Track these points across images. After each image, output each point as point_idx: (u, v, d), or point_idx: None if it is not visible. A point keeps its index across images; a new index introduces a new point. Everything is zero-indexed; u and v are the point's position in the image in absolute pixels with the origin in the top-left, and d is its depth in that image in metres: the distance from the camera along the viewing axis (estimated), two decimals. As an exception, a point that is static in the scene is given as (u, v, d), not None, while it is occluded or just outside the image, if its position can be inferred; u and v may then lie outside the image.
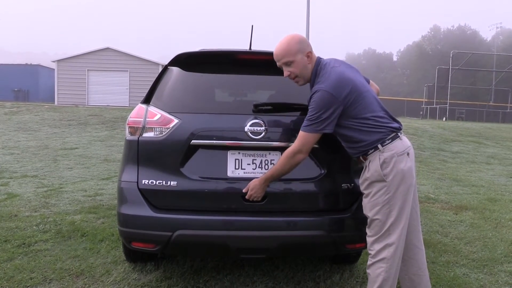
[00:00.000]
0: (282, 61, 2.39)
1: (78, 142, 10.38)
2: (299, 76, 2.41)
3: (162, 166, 2.57)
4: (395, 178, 2.29)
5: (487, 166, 9.41)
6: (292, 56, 2.35)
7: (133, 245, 2.59)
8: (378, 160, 2.31)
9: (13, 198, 5.09)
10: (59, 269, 3.10)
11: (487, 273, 3.33)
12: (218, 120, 2.66)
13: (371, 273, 2.37)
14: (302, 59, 2.36)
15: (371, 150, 2.34)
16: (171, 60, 2.90)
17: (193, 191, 2.54)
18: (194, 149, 2.58)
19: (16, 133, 11.54)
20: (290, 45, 2.35)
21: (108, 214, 4.49)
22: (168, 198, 2.54)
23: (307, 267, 3.28)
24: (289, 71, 2.40)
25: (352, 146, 2.42)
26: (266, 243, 2.51)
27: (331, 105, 2.27)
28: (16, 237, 3.73)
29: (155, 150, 2.60)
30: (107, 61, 26.88)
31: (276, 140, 2.60)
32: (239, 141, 2.57)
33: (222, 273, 3.10)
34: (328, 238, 2.53)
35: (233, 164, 2.59)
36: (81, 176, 6.69)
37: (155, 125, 2.62)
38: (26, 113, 15.28)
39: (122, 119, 14.29)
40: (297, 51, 2.35)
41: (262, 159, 2.63)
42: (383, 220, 2.32)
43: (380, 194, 2.31)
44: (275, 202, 2.56)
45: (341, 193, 2.64)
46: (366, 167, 2.39)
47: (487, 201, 5.86)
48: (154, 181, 2.54)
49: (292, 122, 2.67)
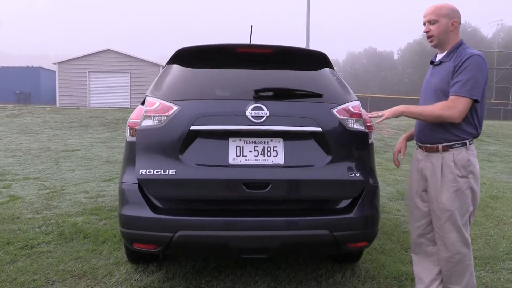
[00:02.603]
0: (427, 18, 2.50)
1: (80, 144, 10.40)
2: (435, 36, 2.50)
3: (160, 155, 2.53)
4: (476, 179, 2.48)
5: (488, 164, 9.39)
6: (438, 17, 2.47)
7: (135, 246, 2.60)
8: (466, 155, 2.44)
9: (15, 200, 5.10)
10: (62, 271, 3.11)
11: (489, 271, 3.33)
12: (218, 105, 2.63)
13: (459, 259, 2.48)
14: (446, 23, 2.47)
15: (458, 144, 2.44)
16: (172, 56, 2.94)
17: (192, 179, 2.49)
18: (194, 136, 2.54)
19: (18, 136, 11.56)
20: (441, 8, 2.48)
21: (110, 216, 4.50)
22: (167, 188, 2.50)
23: (309, 267, 3.28)
24: (429, 28, 2.51)
25: (447, 129, 2.45)
26: (268, 243, 2.51)
27: (485, 72, 2.37)
28: (18, 239, 3.74)
29: (154, 138, 2.56)
30: (108, 62, 26.88)
31: (278, 125, 2.55)
32: (239, 125, 2.53)
33: (224, 273, 3.11)
34: (330, 237, 2.52)
35: (234, 151, 2.56)
36: (83, 177, 6.71)
37: (154, 113, 2.59)
38: (27, 116, 15.30)
39: (123, 121, 14.30)
40: (445, 15, 2.47)
41: (264, 146, 2.58)
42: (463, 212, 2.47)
43: (462, 190, 2.44)
44: (278, 189, 2.51)
45: (346, 182, 2.59)
46: (444, 161, 2.46)
47: (489, 198, 5.85)
48: (152, 170, 2.49)
49: (294, 108, 2.64)
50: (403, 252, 3.65)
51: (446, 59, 2.50)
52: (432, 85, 2.55)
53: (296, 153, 2.60)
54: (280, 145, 2.58)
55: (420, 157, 2.64)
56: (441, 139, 2.48)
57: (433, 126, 2.50)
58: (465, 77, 2.33)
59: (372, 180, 2.74)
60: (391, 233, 4.17)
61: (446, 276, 2.58)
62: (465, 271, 2.52)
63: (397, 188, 6.32)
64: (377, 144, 11.17)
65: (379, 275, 3.18)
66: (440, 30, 2.48)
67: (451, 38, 2.50)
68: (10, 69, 35.80)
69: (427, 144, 2.56)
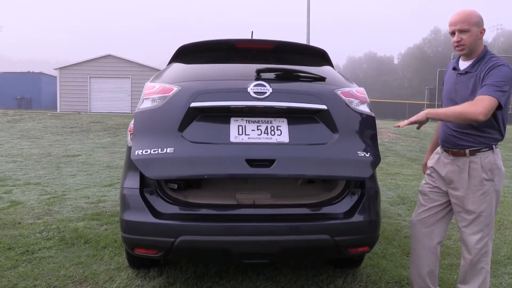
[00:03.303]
0: (458, 27, 2.44)
1: (81, 149, 10.41)
2: (467, 45, 2.46)
3: (158, 135, 2.44)
4: (501, 181, 2.53)
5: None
6: (469, 25, 2.42)
7: (136, 251, 2.59)
8: (493, 159, 2.48)
9: (16, 206, 5.11)
10: (63, 276, 3.11)
11: (491, 275, 3.31)
12: (220, 83, 2.58)
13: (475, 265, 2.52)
14: (476, 32, 2.44)
15: (485, 148, 2.47)
16: (174, 54, 2.97)
17: (191, 156, 2.39)
18: (194, 115, 2.49)
19: (19, 141, 11.57)
20: (471, 16, 2.44)
21: (111, 221, 4.50)
22: (165, 167, 2.36)
23: (310, 272, 3.28)
24: (460, 37, 2.45)
25: (473, 133, 2.47)
26: (269, 248, 2.50)
27: (510, 81, 2.35)
28: (19, 244, 3.74)
29: (152, 120, 2.50)
30: (108, 68, 26.96)
31: (282, 101, 2.49)
32: (241, 101, 2.46)
33: (225, 279, 3.10)
34: (331, 242, 2.51)
35: (236, 130, 2.48)
36: (84, 183, 6.71)
37: (153, 94, 2.57)
38: (28, 121, 15.32)
39: (124, 126, 14.32)
40: (475, 23, 2.43)
41: (267, 126, 2.51)
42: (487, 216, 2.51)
43: (488, 193, 2.48)
44: (284, 167, 2.39)
45: (356, 161, 2.49)
46: (471, 165, 2.48)
47: (490, 203, 5.83)
48: (149, 150, 2.38)
49: (298, 86, 2.61)
50: (404, 257, 3.64)
51: (472, 69, 2.47)
52: (459, 96, 2.53)
53: (301, 133, 2.53)
54: (284, 124, 2.51)
55: (446, 161, 2.64)
56: (468, 145, 2.50)
57: (460, 134, 2.51)
58: (491, 81, 2.33)
59: (374, 185, 2.74)
60: (392, 238, 4.16)
61: (462, 276, 2.64)
62: (479, 274, 2.56)
63: (398, 192, 6.31)
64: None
65: (380, 280, 3.18)
66: (472, 39, 2.44)
67: (479, 46, 2.50)
68: (11, 74, 35.92)
69: (453, 149, 2.57)
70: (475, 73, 2.45)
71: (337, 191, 2.74)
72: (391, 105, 38.67)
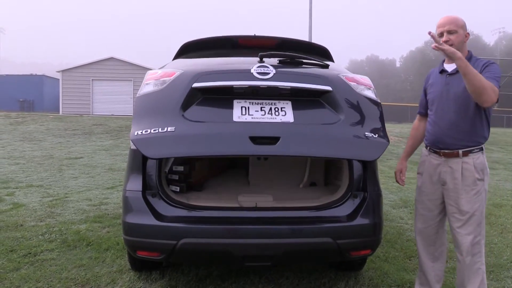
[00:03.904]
0: (446, 28, 2.54)
1: (83, 152, 10.42)
2: (455, 45, 2.49)
3: (160, 116, 2.37)
4: (487, 180, 2.61)
5: (492, 171, 9.36)
6: (457, 27, 2.54)
7: (138, 254, 2.59)
8: (483, 159, 2.57)
9: (18, 208, 5.11)
10: (65, 279, 3.11)
11: (494, 279, 3.31)
12: (223, 66, 2.56)
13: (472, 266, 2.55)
14: (462, 34, 2.55)
15: (476, 149, 2.55)
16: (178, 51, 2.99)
17: (193, 134, 2.32)
18: (196, 96, 2.46)
19: (22, 143, 11.60)
20: (458, 19, 2.57)
21: (113, 223, 4.50)
22: (165, 146, 2.26)
23: (312, 275, 3.27)
24: (449, 38, 2.52)
25: (467, 136, 2.54)
26: (271, 251, 2.50)
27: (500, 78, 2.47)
28: (22, 246, 3.74)
29: (153, 102, 2.47)
30: (111, 70, 27.02)
31: (286, 81, 2.46)
32: (244, 81, 2.42)
33: (227, 282, 3.10)
34: (333, 245, 2.51)
35: (239, 110, 2.43)
36: (86, 185, 6.72)
37: (155, 79, 2.56)
38: (31, 123, 15.36)
39: (127, 128, 14.35)
40: (462, 26, 2.56)
41: (271, 107, 2.46)
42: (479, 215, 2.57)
43: (481, 192, 2.55)
44: (289, 145, 2.30)
45: (363, 142, 2.41)
46: (464, 165, 2.54)
47: (493, 206, 5.82)
48: (149, 130, 2.29)
49: (301, 70, 2.60)
50: (406, 260, 3.63)
51: None
52: (452, 95, 2.59)
53: (306, 114, 2.48)
54: (288, 106, 2.46)
55: (436, 162, 2.69)
56: (462, 146, 2.56)
57: (456, 134, 2.56)
58: (491, 74, 2.41)
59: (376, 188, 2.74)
60: (395, 241, 4.15)
61: (460, 279, 2.66)
62: (476, 275, 2.58)
63: (400, 196, 6.30)
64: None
65: (383, 283, 3.17)
66: (459, 40, 2.53)
67: (464, 49, 2.59)
68: (14, 77, 36.03)
69: (446, 150, 2.61)
70: None
71: (339, 194, 2.74)
72: (393, 108, 38.68)
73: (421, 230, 2.84)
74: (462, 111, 2.54)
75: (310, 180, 3.51)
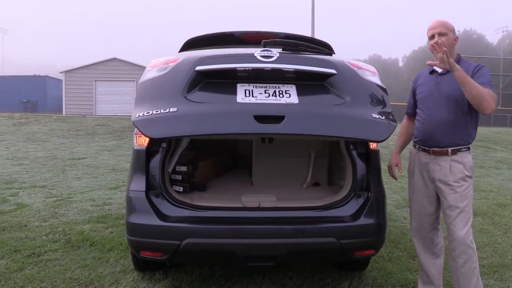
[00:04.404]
0: (437, 30, 2.61)
1: (86, 152, 10.45)
2: (445, 47, 2.53)
3: (162, 99, 2.34)
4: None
5: (496, 171, 9.33)
6: (447, 30, 2.61)
7: (142, 254, 2.60)
8: (470, 158, 2.64)
9: (22, 208, 5.13)
10: (69, 279, 3.12)
11: (498, 279, 3.30)
12: (226, 51, 2.57)
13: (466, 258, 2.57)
14: (452, 37, 2.63)
15: (464, 148, 2.61)
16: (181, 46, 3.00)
17: (197, 113, 2.28)
18: (199, 80, 2.45)
19: (25, 144, 11.64)
20: (448, 23, 2.65)
21: (116, 224, 4.51)
22: (167, 126, 2.20)
23: (315, 275, 3.27)
24: (440, 39, 2.58)
25: (457, 134, 2.60)
26: (274, 251, 2.50)
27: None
28: (26, 247, 3.75)
29: (156, 86, 2.48)
30: (114, 71, 27.08)
31: (290, 63, 2.45)
32: (248, 63, 2.41)
33: (231, 282, 3.10)
34: (337, 245, 2.51)
35: (243, 93, 2.41)
36: (89, 185, 6.73)
37: (158, 65, 2.57)
38: (34, 124, 15.42)
39: (130, 129, 14.37)
40: (451, 30, 2.64)
41: (275, 90, 2.44)
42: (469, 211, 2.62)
43: (469, 188, 2.62)
44: (294, 123, 2.24)
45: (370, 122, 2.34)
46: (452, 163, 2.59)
47: (497, 206, 5.80)
48: (151, 111, 2.24)
49: (305, 56, 2.60)
50: (410, 260, 3.62)
51: None
52: (443, 93, 2.64)
53: (310, 97, 2.45)
54: (293, 89, 2.44)
55: (425, 160, 2.73)
56: (451, 143, 2.60)
57: (446, 132, 2.61)
58: (486, 80, 2.49)
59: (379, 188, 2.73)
60: (398, 241, 4.15)
61: (454, 278, 2.66)
62: (472, 274, 2.59)
63: (404, 195, 6.28)
64: (383, 152, 11.12)
65: (386, 284, 3.16)
66: (449, 42, 2.60)
67: (454, 51, 2.65)
68: (17, 78, 36.17)
69: (435, 148, 2.65)
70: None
71: (343, 193, 2.74)
72: (396, 107, 38.34)
73: (417, 229, 2.85)
74: (453, 110, 2.59)
75: (314, 180, 3.51)
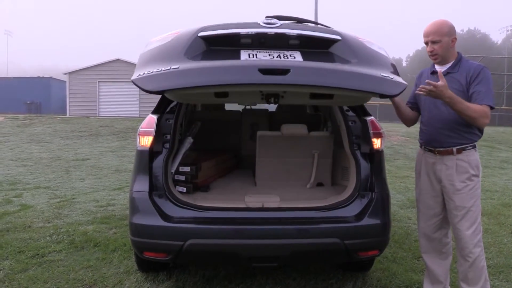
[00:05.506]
0: (430, 38, 2.59)
1: (90, 153, 10.47)
2: (439, 55, 2.61)
3: (163, 61, 2.31)
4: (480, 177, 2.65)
5: (501, 171, 9.28)
6: (440, 36, 2.56)
7: (145, 255, 2.60)
8: (477, 156, 2.62)
9: (26, 209, 5.14)
10: (72, 280, 3.12)
11: (503, 280, 3.27)
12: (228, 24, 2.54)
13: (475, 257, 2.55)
14: (447, 42, 2.58)
15: (470, 146, 2.59)
16: None
17: (199, 67, 2.26)
18: (202, 47, 2.43)
19: (29, 145, 11.68)
20: (442, 27, 2.58)
21: (120, 224, 4.51)
22: (168, 80, 2.17)
23: (319, 276, 3.25)
24: (433, 48, 2.59)
25: (460, 133, 2.57)
26: (278, 251, 2.49)
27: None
28: (29, 248, 3.76)
29: (157, 53, 2.47)
30: (117, 72, 27.09)
31: (294, 29, 2.46)
32: (251, 28, 2.41)
33: (234, 282, 3.09)
34: (340, 245, 2.50)
35: (247, 56, 2.38)
36: (93, 186, 6.75)
37: (160, 39, 2.59)
38: (38, 125, 15.47)
39: (133, 130, 14.39)
40: (446, 34, 2.57)
41: (280, 54, 2.39)
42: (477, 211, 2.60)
43: (476, 187, 2.60)
44: (300, 75, 2.17)
45: (378, 79, 2.29)
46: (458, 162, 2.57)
47: (502, 206, 5.77)
48: (152, 70, 2.22)
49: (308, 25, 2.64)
50: (414, 261, 3.60)
51: (453, 70, 2.61)
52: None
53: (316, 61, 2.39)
54: (298, 55, 2.40)
55: (431, 160, 2.70)
56: (455, 143, 2.59)
57: (449, 132, 2.59)
58: (485, 88, 2.48)
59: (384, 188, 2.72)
60: (402, 241, 4.12)
61: (462, 275, 2.65)
62: (480, 273, 2.58)
63: (408, 196, 6.26)
64: (387, 152, 11.09)
65: (391, 284, 3.15)
66: (443, 48, 2.59)
67: (452, 52, 2.64)
68: (21, 79, 36.26)
69: (440, 148, 2.64)
70: (458, 72, 2.59)
71: (346, 194, 2.73)
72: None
73: (424, 229, 2.82)
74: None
75: (317, 180, 3.50)
